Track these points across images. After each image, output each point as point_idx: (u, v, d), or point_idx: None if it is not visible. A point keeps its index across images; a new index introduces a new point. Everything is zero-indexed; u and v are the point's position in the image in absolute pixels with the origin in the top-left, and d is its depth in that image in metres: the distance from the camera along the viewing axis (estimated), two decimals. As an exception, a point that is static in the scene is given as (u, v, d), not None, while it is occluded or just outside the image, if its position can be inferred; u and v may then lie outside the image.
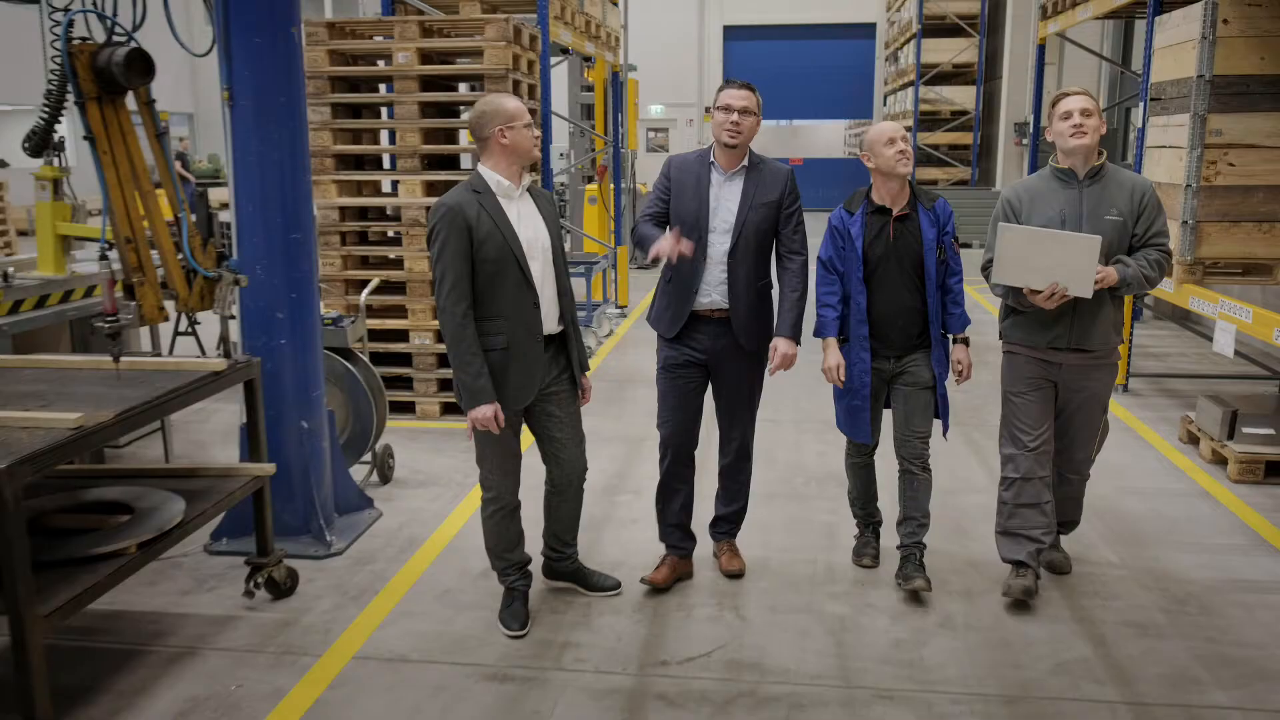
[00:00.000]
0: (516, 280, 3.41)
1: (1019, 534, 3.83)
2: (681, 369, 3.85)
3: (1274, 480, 5.11)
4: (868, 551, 4.20)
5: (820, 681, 3.32)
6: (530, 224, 3.50)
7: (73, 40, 3.13)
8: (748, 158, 3.79)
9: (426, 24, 6.13)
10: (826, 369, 3.87)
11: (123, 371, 3.32)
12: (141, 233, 3.29)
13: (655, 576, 3.94)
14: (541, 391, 3.57)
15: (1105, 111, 7.96)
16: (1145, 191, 3.65)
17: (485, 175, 3.42)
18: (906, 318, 3.83)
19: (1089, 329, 3.69)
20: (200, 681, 3.32)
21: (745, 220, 3.73)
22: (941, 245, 3.83)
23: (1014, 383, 3.85)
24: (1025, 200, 3.73)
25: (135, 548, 3.06)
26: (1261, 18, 5.49)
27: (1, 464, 2.50)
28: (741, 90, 3.68)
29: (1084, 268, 3.49)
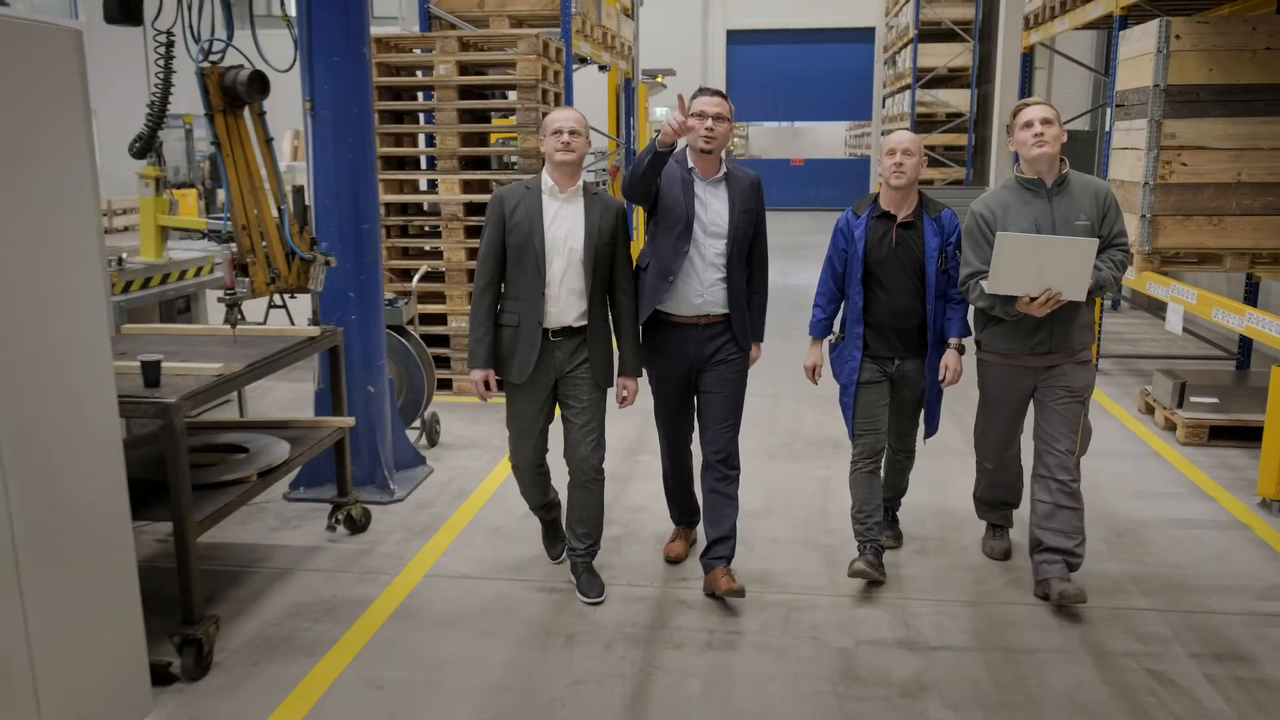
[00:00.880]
0: (532, 269, 3.69)
1: (994, 501, 4.28)
2: (674, 378, 3.97)
3: (1216, 443, 5.79)
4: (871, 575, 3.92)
5: (813, 592, 4.01)
6: (565, 224, 3.72)
7: (206, 63, 3.82)
8: (724, 165, 3.87)
9: (464, 39, 6.82)
10: (805, 367, 4.21)
11: (238, 337, 4.02)
12: (254, 221, 3.98)
13: (673, 550, 4.31)
14: (561, 376, 3.82)
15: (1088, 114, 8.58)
16: (1106, 193, 3.77)
17: (542, 175, 3.77)
18: (904, 321, 3.94)
19: (1068, 331, 3.80)
20: (300, 592, 4.02)
21: (737, 226, 3.82)
22: (945, 255, 3.91)
23: (990, 387, 4.00)
24: (998, 212, 3.77)
25: (255, 476, 3.76)
26: (1209, 34, 6.18)
27: (172, 398, 3.19)
28: (714, 97, 3.76)
29: (1080, 271, 3.57)
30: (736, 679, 3.37)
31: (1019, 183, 3.79)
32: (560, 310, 3.74)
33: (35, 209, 2.69)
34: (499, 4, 7.78)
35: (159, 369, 3.29)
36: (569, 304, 3.75)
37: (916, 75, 17.85)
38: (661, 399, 4.07)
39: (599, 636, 3.67)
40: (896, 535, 4.45)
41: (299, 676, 3.39)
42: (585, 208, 3.76)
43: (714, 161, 3.83)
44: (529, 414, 3.86)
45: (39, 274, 2.72)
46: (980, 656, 3.51)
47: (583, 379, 3.82)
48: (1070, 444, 3.89)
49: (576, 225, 3.73)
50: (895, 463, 4.33)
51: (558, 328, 3.76)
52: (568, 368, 3.81)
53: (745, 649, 3.57)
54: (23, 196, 2.65)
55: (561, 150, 3.66)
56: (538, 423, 3.88)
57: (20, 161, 2.63)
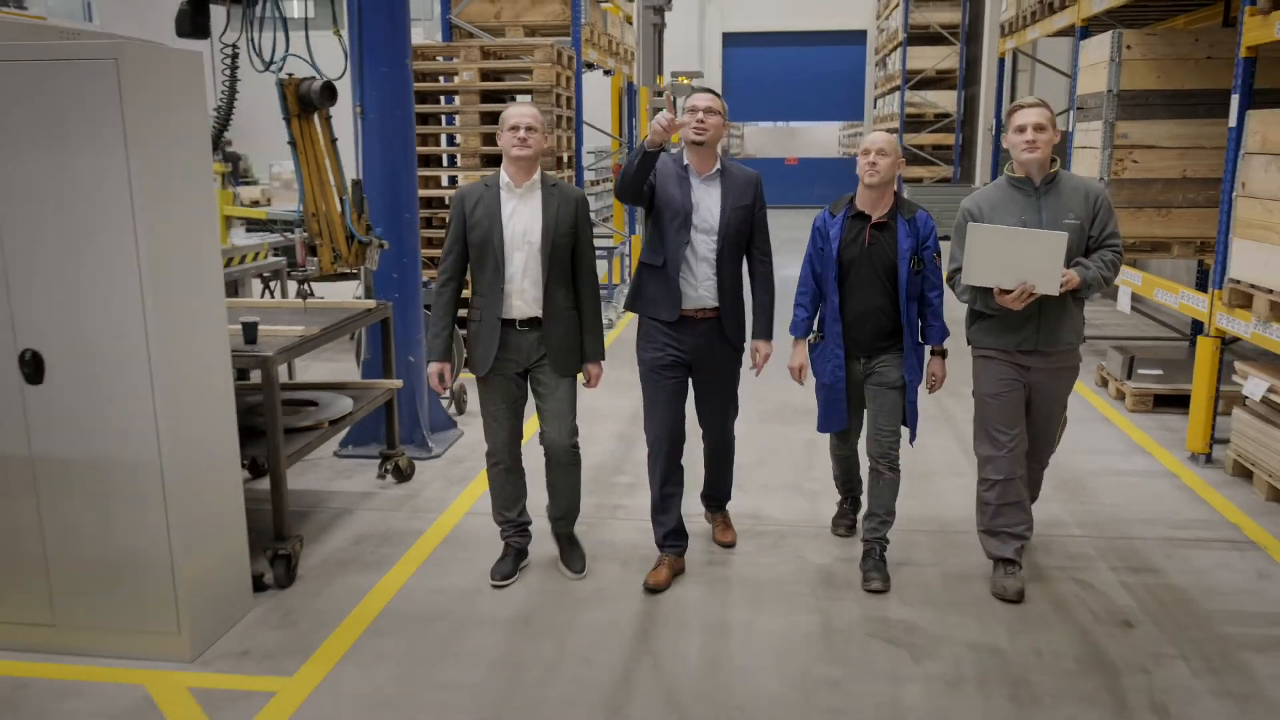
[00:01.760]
0: (493, 265, 3.76)
1: (1004, 532, 3.98)
2: (667, 369, 3.99)
3: (1160, 409, 6.51)
4: (844, 522, 4.55)
5: (799, 525, 4.71)
6: (524, 219, 3.78)
7: (286, 76, 4.50)
8: (719, 163, 3.94)
9: (485, 48, 7.52)
10: (791, 368, 4.20)
11: (308, 308, 4.71)
12: (321, 209, 4.67)
13: (656, 578, 4.06)
14: (530, 365, 3.91)
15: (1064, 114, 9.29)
16: (1099, 195, 3.78)
17: (500, 171, 3.85)
18: (877, 320, 3.95)
19: (1055, 331, 3.81)
20: (361, 526, 4.72)
21: (728, 223, 3.90)
22: (920, 257, 3.92)
23: (988, 384, 3.95)
24: (985, 210, 3.82)
25: (327, 423, 4.46)
26: (1157, 44, 6.88)
27: (269, 352, 3.89)
28: (706, 93, 3.90)
29: (1051, 265, 3.60)
30: (732, 586, 4.07)
31: (1008, 181, 3.84)
32: (524, 303, 3.81)
33: (186, 204, 3.40)
34: (514, 15, 8.48)
35: (256, 329, 3.98)
36: (531, 296, 3.81)
37: (906, 77, 18.55)
38: (654, 391, 4.04)
39: (616, 557, 4.37)
40: (884, 577, 4.06)
41: (370, 585, 4.09)
42: (543, 201, 3.80)
43: (708, 158, 3.91)
44: (498, 402, 3.93)
45: (189, 255, 3.42)
46: (935, 571, 4.21)
47: (547, 368, 3.90)
48: (1053, 446, 4.13)
49: (534, 218, 3.78)
50: (879, 478, 4.09)
51: (522, 319, 3.82)
52: (535, 357, 3.88)
53: (739, 564, 4.28)
54: (178, 195, 3.35)
55: (517, 145, 3.72)
56: (508, 411, 3.94)
57: (175, 165, 3.34)
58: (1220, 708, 3.21)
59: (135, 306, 3.24)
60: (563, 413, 3.94)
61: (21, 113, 3.15)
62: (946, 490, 5.15)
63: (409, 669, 3.45)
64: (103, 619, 3.50)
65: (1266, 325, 4.78)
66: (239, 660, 3.52)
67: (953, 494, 5.09)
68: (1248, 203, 4.96)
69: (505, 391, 3.92)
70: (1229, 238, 5.17)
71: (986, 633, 3.69)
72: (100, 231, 3.20)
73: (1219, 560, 4.29)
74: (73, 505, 3.42)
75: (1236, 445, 5.26)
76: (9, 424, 3.39)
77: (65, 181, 3.18)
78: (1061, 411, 4.08)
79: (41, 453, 3.40)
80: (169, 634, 3.47)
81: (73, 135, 3.14)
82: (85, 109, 3.12)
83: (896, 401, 4.01)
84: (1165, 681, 3.36)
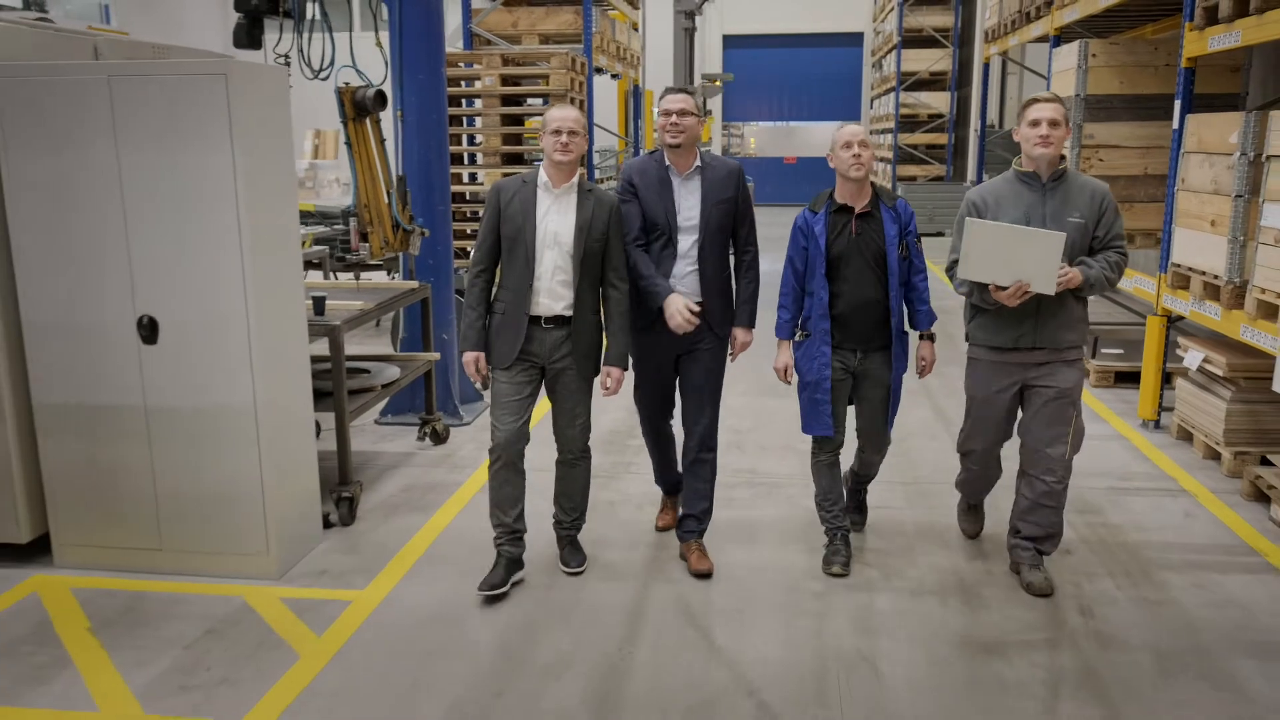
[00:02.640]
0: (523, 260, 3.80)
1: (972, 493, 4.50)
2: (655, 363, 4.20)
3: (1120, 385, 7.17)
4: (837, 560, 4.20)
5: (792, 478, 5.38)
6: (558, 219, 3.82)
7: (343, 85, 5.16)
8: (699, 158, 4.00)
9: (505, 56, 8.19)
10: (776, 368, 4.20)
11: (360, 287, 5.38)
12: (371, 200, 5.32)
13: (665, 520, 4.62)
14: (548, 364, 3.92)
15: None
16: (1105, 195, 3.77)
17: (540, 169, 3.90)
18: (870, 311, 3.96)
19: (1052, 328, 3.78)
20: (407, 478, 5.38)
21: (709, 218, 3.97)
22: (905, 243, 3.97)
23: (978, 388, 4.01)
24: (991, 203, 3.80)
25: (379, 387, 5.13)
26: (1119, 53, 7.54)
27: (336, 321, 4.56)
28: (679, 94, 3.94)
29: (1048, 264, 3.56)
30: (733, 525, 4.74)
31: (1016, 175, 3.82)
32: (549, 300, 3.83)
33: (275, 193, 4.07)
34: (530, 24, 9.15)
35: (325, 302, 4.65)
36: (557, 294, 3.83)
37: (900, 78, 19.22)
38: (643, 382, 4.29)
39: (630, 501, 5.03)
40: (863, 518, 4.62)
41: (421, 524, 4.76)
42: (578, 204, 3.83)
43: (688, 156, 3.98)
44: (511, 394, 3.91)
45: (277, 236, 4.09)
46: (909, 513, 4.87)
47: (567, 368, 3.91)
48: (1061, 447, 3.89)
49: (567, 220, 3.81)
50: (865, 461, 4.39)
51: (547, 316, 3.85)
52: (554, 356, 3.89)
53: (738, 508, 4.95)
54: (270, 185, 4.02)
55: (560, 150, 3.76)
56: (520, 405, 3.93)
57: (268, 160, 4.01)
58: (1135, 610, 3.87)
59: (237, 280, 3.90)
60: (578, 411, 3.99)
61: (148, 117, 3.82)
62: (923, 450, 5.81)
63: (460, 586, 4.11)
64: (203, 543, 4.16)
65: (1201, 303, 5.44)
66: (317, 578, 4.19)
67: (928, 454, 5.75)
68: (1186, 195, 5.62)
69: (520, 384, 3.91)
70: (1172, 227, 5.83)
71: (948, 559, 4.35)
72: (209, 215, 3.87)
73: (1154, 504, 4.95)
74: (179, 448, 4.09)
75: (1179, 411, 5.92)
76: (127, 379, 4.06)
77: (181, 173, 3.85)
78: (1070, 411, 3.88)
79: (154, 404, 4.06)
80: (259, 555, 4.14)
81: (189, 135, 3.81)
82: (200, 114, 3.78)
83: (886, 399, 4.11)
84: (1093, 592, 4.02)
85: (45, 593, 4.05)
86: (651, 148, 4.06)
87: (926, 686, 3.37)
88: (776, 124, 26.99)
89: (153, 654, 3.59)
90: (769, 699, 3.30)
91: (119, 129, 3.84)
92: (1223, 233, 5.14)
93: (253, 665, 3.51)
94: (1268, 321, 4.74)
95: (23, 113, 3.88)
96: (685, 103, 3.93)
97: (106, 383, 4.07)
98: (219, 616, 3.86)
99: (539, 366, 3.93)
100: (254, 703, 3.28)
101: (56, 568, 4.25)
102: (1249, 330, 4.88)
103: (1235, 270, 5.06)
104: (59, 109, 3.85)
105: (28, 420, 4.19)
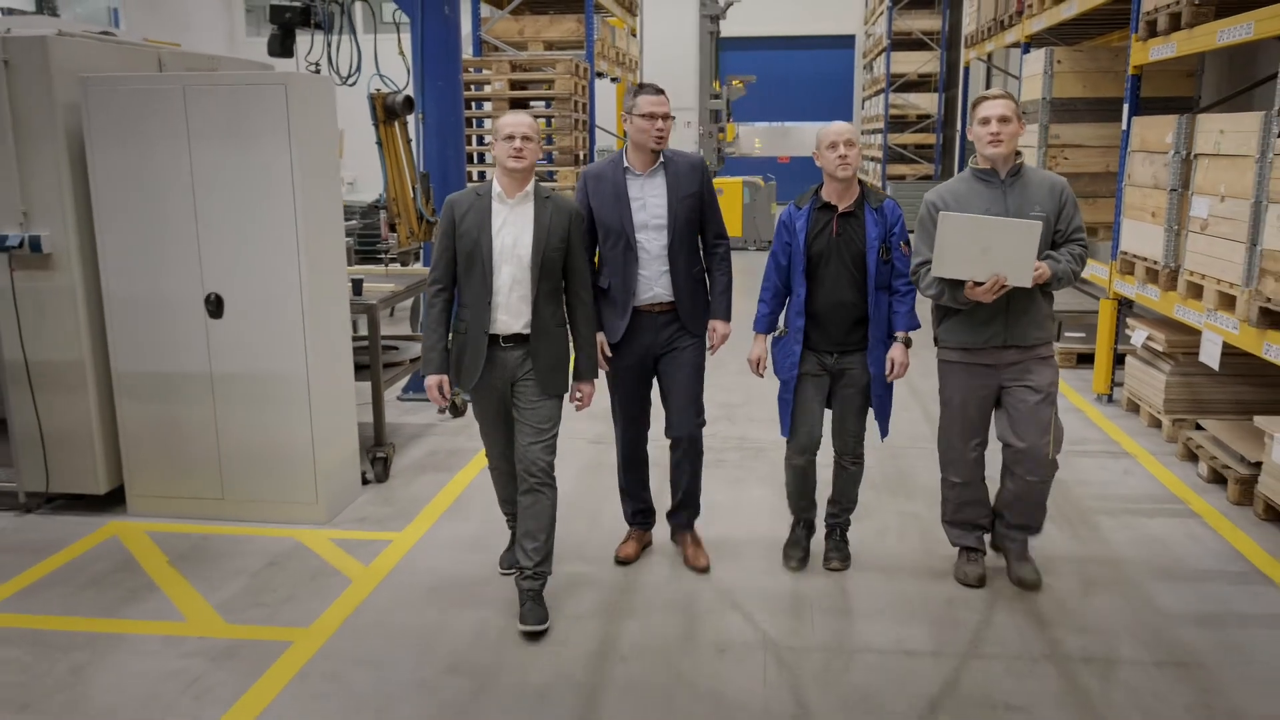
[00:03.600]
0: (480, 277, 3.61)
1: (966, 523, 4.12)
2: (632, 365, 4.04)
3: (1081, 366, 7.77)
4: (795, 553, 4.28)
5: (778, 445, 5.96)
6: (514, 231, 3.62)
7: (375, 90, 5.76)
8: (661, 154, 3.91)
9: (513, 62, 8.79)
10: (749, 360, 4.14)
11: (389, 273, 5.99)
12: (399, 194, 5.93)
13: (625, 551, 4.32)
14: (514, 381, 3.73)
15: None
16: (1064, 189, 3.75)
17: (493, 180, 3.70)
18: (845, 312, 3.89)
19: (1023, 325, 3.74)
20: (431, 445, 5.99)
21: (676, 214, 3.87)
22: (887, 246, 3.84)
23: (951, 390, 3.94)
24: (950, 203, 3.75)
25: (409, 362, 5.74)
26: (1082, 59, 8.16)
27: (374, 300, 5.17)
28: (658, 96, 3.79)
29: (1024, 255, 3.49)
30: (722, 480, 5.35)
31: (973, 173, 3.78)
32: (508, 317, 3.65)
33: (324, 186, 4.68)
34: (536, 32, 9.76)
35: (362, 284, 5.26)
36: (518, 311, 3.65)
37: (890, 80, 19.84)
38: (618, 387, 4.12)
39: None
40: (844, 556, 4.27)
41: (448, 480, 5.37)
42: (535, 213, 3.64)
43: (653, 155, 3.89)
44: (489, 417, 3.87)
45: (326, 224, 4.70)
46: (878, 471, 5.49)
47: (528, 384, 3.72)
48: (1043, 447, 3.87)
49: (525, 230, 3.63)
50: (843, 471, 4.21)
51: (507, 334, 3.67)
52: (519, 373, 3.72)
53: (728, 467, 5.56)
54: (320, 179, 4.63)
55: (513, 157, 3.55)
56: (499, 426, 3.88)
57: (318, 157, 4.62)
58: (1069, 545, 4.50)
59: (293, 262, 4.51)
60: (540, 429, 3.72)
61: (217, 120, 4.42)
62: (896, 420, 6.41)
63: (488, 528, 4.71)
64: (260, 493, 4.76)
65: (1144, 286, 6.06)
66: (359, 523, 4.79)
67: (901, 424, 6.35)
68: (1131, 190, 6.24)
69: (495, 407, 3.83)
70: (1121, 219, 6.45)
71: (911, 506, 4.97)
72: (269, 206, 4.47)
73: (1097, 465, 5.57)
74: (240, 410, 4.69)
75: (1128, 386, 6.55)
76: (195, 349, 4.66)
77: (245, 169, 4.45)
78: (1047, 409, 3.86)
79: (218, 371, 4.66)
80: (309, 503, 4.74)
81: (253, 136, 4.41)
82: (262, 118, 4.39)
83: (864, 404, 4.04)
84: (1034, 532, 4.64)
85: (124, 535, 4.66)
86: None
87: (885, 599, 3.98)
88: (772, 124, 27.62)
89: (225, 580, 4.19)
90: (751, 610, 3.92)
91: (191, 130, 4.44)
92: (1161, 223, 5.76)
93: (312, 588, 4.12)
94: (1196, 301, 5.37)
95: (108, 117, 4.48)
96: (666, 105, 3.85)
97: (177, 352, 4.67)
98: (278, 553, 4.46)
99: (508, 385, 3.75)
100: (319, 614, 3.89)
101: (130, 515, 4.85)
102: (1181, 309, 5.50)
103: (1171, 256, 5.68)
104: (140, 113, 4.45)
105: (107, 386, 4.79)
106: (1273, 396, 5.77)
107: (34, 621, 3.86)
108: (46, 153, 4.50)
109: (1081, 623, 3.81)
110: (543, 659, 3.58)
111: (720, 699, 3.35)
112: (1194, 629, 3.76)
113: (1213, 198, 5.15)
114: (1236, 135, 4.92)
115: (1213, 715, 3.23)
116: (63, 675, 3.48)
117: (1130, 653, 3.60)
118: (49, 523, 4.81)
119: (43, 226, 4.56)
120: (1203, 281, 5.24)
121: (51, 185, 4.54)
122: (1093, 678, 3.44)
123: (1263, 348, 4.63)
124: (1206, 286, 5.19)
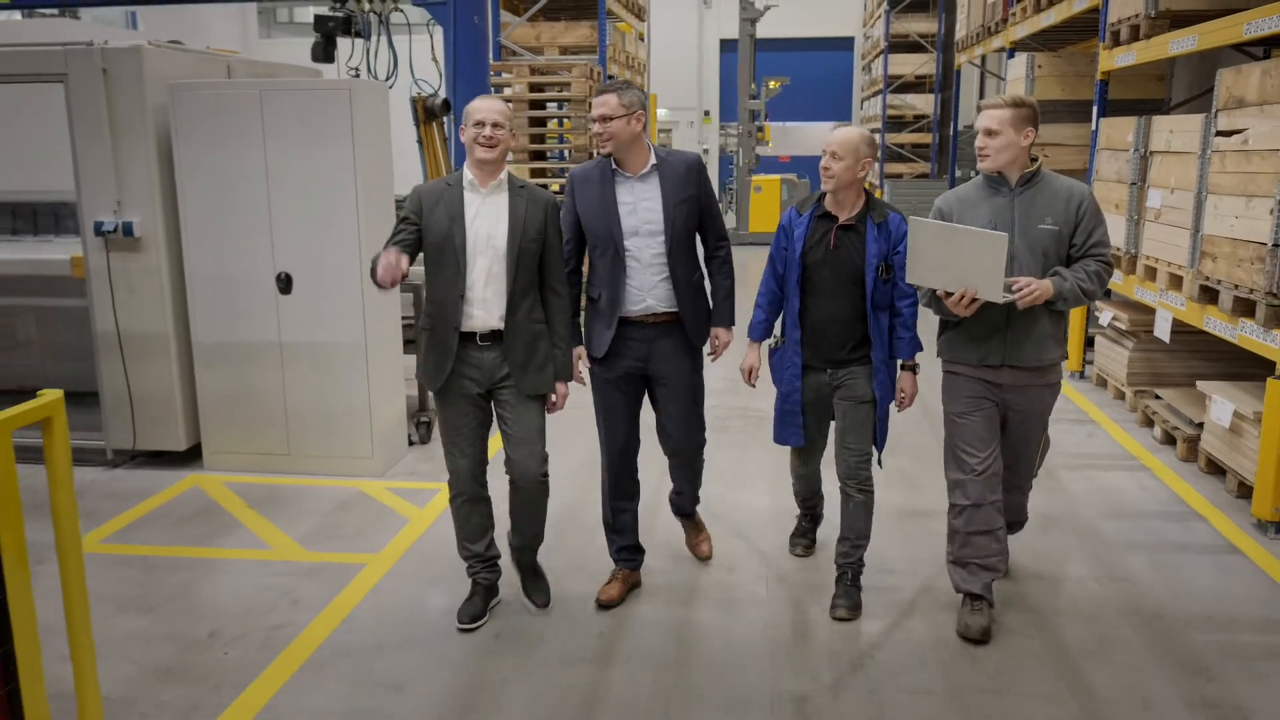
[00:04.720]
0: (452, 270, 3.42)
1: (973, 563, 3.66)
2: (620, 381, 3.76)
3: (1059, 347, 8.42)
4: (801, 541, 4.32)
5: (776, 413, 6.63)
6: (489, 221, 3.44)
7: (417, 93, 6.40)
8: (653, 155, 3.62)
9: (532, 67, 9.44)
10: (741, 368, 3.98)
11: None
12: (437, 188, 6.58)
13: (609, 594, 3.89)
14: (492, 385, 3.55)
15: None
16: (1083, 199, 3.42)
17: (464, 169, 3.50)
18: (839, 329, 3.66)
19: (1022, 345, 3.46)
20: (465, 414, 6.63)
21: (673, 219, 3.60)
22: (889, 264, 3.58)
23: (955, 403, 3.63)
24: (956, 209, 3.53)
25: (447, 337, 6.38)
26: (1061, 64, 8.80)
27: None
28: (603, 96, 3.51)
29: (991, 268, 3.22)
30: (726, 445, 6.00)
31: (984, 179, 3.54)
32: (484, 313, 3.47)
33: (379, 179, 5.33)
34: (552, 37, 10.41)
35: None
36: (493, 307, 3.47)
37: (888, 81, 20.48)
38: (604, 404, 3.82)
39: (649, 429, 6.28)
40: (854, 605, 3.83)
41: (483, 442, 6.01)
42: (510, 203, 3.47)
43: (638, 156, 3.61)
44: (459, 426, 3.62)
45: (380, 212, 5.35)
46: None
47: (509, 386, 3.55)
48: (1032, 469, 3.84)
49: (500, 221, 3.45)
50: (849, 500, 3.83)
51: (484, 331, 3.49)
52: (498, 376, 3.53)
53: (732, 432, 6.21)
54: (376, 173, 5.27)
55: (483, 146, 3.39)
56: (470, 437, 3.63)
57: (375, 154, 5.27)
58: (1033, 495, 5.13)
59: (354, 245, 5.15)
60: (531, 438, 3.58)
61: (289, 121, 5.07)
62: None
63: (521, 480, 5.35)
64: (322, 449, 5.41)
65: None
66: (409, 476, 5.44)
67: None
68: (1100, 184, 6.89)
69: (467, 415, 3.59)
70: (1090, 210, 7.08)
71: (901, 488, 5.61)
72: (334, 196, 5.11)
73: (1065, 430, 6.22)
74: (305, 375, 5.33)
75: (1098, 363, 7.19)
76: (267, 322, 5.30)
77: (313, 163, 5.09)
78: (1041, 433, 3.74)
79: (287, 340, 5.31)
80: (367, 458, 5.39)
81: (320, 135, 5.05)
82: (329, 120, 5.03)
83: (866, 418, 3.72)
84: (1003, 482, 5.28)
85: (204, 485, 5.31)
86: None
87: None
88: (773, 124, 28.24)
89: (300, 519, 4.84)
90: (749, 534, 4.57)
91: (266, 129, 5.09)
92: (1123, 213, 6.40)
93: (377, 524, 4.77)
94: (1151, 282, 6.01)
95: (193, 118, 5.12)
96: (607, 106, 3.49)
97: (250, 324, 5.31)
98: (342, 499, 5.11)
99: (484, 390, 3.57)
100: (387, 542, 4.55)
101: (207, 469, 5.50)
102: (1140, 290, 6.15)
103: (1131, 243, 6.32)
104: (221, 114, 5.10)
105: (187, 354, 5.44)
106: (1223, 370, 6.41)
107: (141, 550, 4.51)
108: (138, 149, 5.15)
109: (1036, 550, 4.45)
110: (577, 573, 4.22)
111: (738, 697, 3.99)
112: (1132, 554, 4.41)
113: (1164, 190, 5.79)
114: (1183, 135, 5.56)
115: (1142, 617, 3.87)
116: (174, 588, 4.13)
117: (1075, 571, 4.25)
118: (135, 475, 5.46)
119: (134, 214, 5.21)
120: (1156, 264, 5.89)
121: (142, 178, 5.19)
122: (1041, 591, 4.09)
123: (1204, 321, 5.27)
124: (1159, 269, 5.83)
